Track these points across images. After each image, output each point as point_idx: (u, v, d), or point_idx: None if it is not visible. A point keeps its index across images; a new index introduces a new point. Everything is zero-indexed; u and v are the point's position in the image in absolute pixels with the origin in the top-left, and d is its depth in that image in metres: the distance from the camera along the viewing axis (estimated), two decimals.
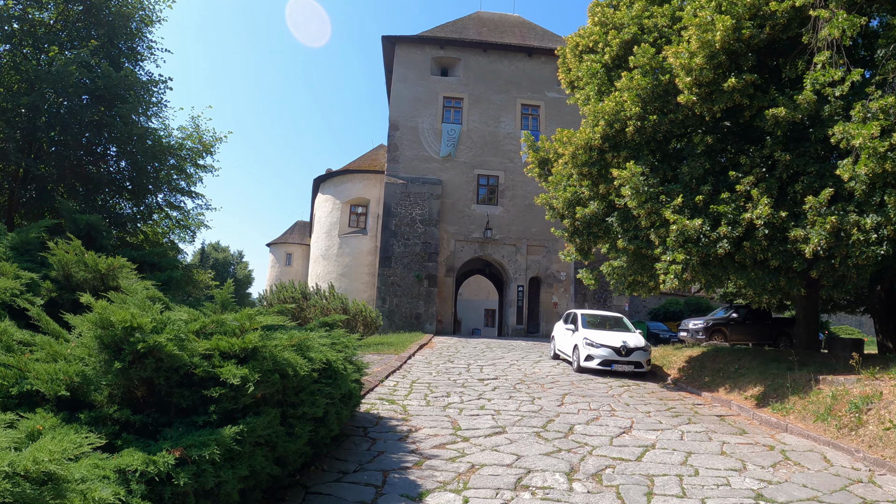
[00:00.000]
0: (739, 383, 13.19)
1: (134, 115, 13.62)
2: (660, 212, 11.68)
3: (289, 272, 55.14)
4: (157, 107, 14.94)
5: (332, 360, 6.01)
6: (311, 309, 20.00)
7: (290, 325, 8.74)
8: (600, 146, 12.91)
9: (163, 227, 16.97)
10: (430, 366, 15.74)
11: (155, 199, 15.52)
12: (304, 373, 5.05)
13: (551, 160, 15.50)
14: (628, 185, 11.84)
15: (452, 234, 31.02)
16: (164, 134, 15.10)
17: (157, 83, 15.02)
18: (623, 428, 9.27)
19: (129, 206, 15.49)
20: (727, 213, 11.46)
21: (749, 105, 12.08)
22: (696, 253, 11.26)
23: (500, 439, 8.15)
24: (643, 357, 15.46)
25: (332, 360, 6.02)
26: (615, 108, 12.46)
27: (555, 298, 31.69)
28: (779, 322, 25.88)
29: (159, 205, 15.75)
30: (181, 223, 16.87)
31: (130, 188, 14.66)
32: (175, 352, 4.26)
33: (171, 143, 15.04)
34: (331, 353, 6.06)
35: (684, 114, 12.52)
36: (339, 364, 6.13)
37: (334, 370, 5.98)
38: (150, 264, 9.18)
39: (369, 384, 11.84)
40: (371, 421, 9.01)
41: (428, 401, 10.82)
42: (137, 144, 13.68)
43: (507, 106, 33.01)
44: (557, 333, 18.26)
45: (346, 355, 7.48)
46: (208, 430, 4.27)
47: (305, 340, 5.43)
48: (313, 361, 5.48)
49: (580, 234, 14.10)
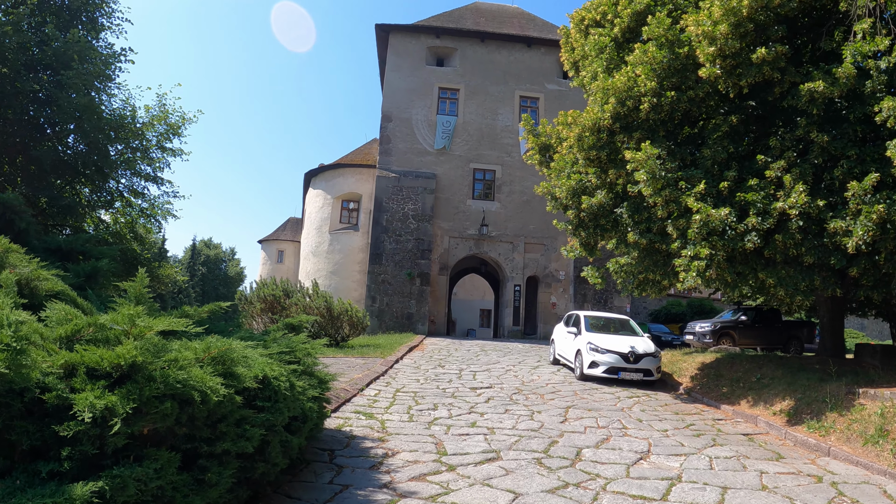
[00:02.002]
0: (764, 395, 11.77)
1: (86, 87, 12.04)
2: (679, 200, 10.22)
3: (280, 269, 53.74)
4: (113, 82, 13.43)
5: (274, 377, 4.56)
6: (293, 307, 18.53)
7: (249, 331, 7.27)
8: (610, 127, 11.43)
9: (127, 215, 15.43)
10: (419, 371, 14.28)
11: (117, 184, 13.99)
12: (219, 398, 3.59)
13: (553, 146, 14.03)
14: (644, 169, 10.37)
15: (446, 231, 29.56)
16: (126, 112, 13.59)
17: (116, 55, 13.48)
18: (639, 452, 7.82)
19: (89, 193, 13.96)
20: (756, 202, 10.02)
21: (780, 80, 10.65)
22: (722, 247, 9.81)
23: (494, 469, 6.68)
24: (653, 364, 14.02)
25: (274, 375, 4.56)
26: (627, 83, 11.00)
27: (553, 299, 30.24)
28: (789, 325, 24.67)
29: (120, 191, 14.21)
30: (145, 212, 15.35)
31: (86, 172, 13.05)
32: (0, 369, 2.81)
33: (134, 123, 13.52)
34: (271, 368, 4.60)
35: (705, 91, 11.07)
36: (284, 381, 4.67)
37: (275, 390, 4.52)
38: (80, 253, 7.71)
39: (346, 394, 10.38)
40: (341, 441, 7.55)
41: (411, 415, 9.35)
42: (87, 119, 12.05)
43: (504, 98, 31.57)
44: (558, 336, 16.80)
45: (303, 367, 6.02)
46: (51, 487, 2.82)
47: (228, 352, 3.97)
48: (240, 380, 4.03)
49: (586, 227, 12.61)
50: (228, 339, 5.34)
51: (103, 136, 12.47)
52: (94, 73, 12.03)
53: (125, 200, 14.86)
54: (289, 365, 5.27)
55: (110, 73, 13.30)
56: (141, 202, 15.16)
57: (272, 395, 4.48)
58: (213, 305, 5.25)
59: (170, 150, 14.74)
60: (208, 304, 5.93)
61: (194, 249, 70.41)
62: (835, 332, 14.33)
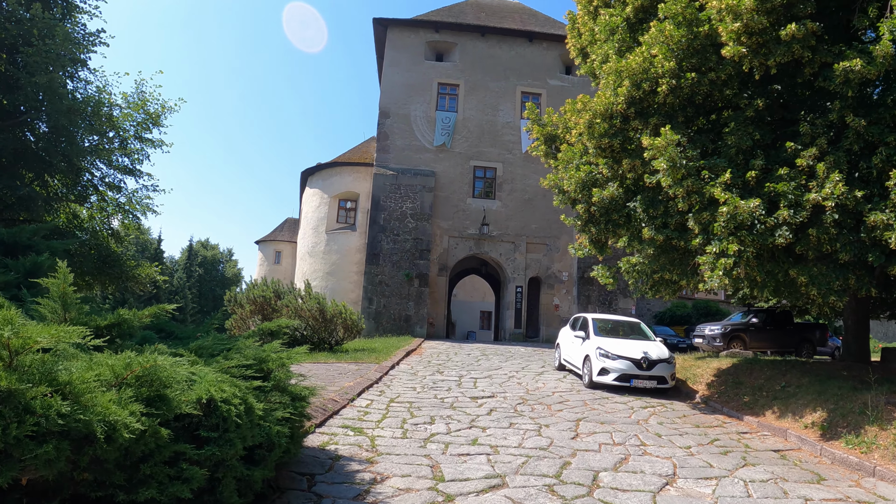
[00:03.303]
0: (791, 406, 10.82)
1: (50, 66, 11.03)
2: (702, 191, 9.25)
3: (278, 271, 52.78)
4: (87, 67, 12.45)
5: (223, 399, 3.61)
6: (284, 309, 17.59)
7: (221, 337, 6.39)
8: (624, 112, 10.46)
9: (104, 211, 14.43)
10: (416, 378, 13.32)
11: (91, 177, 13.00)
12: (133, 433, 2.65)
13: (560, 136, 13.06)
14: (663, 157, 9.40)
15: (446, 230, 28.62)
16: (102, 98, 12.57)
17: (88, 36, 12.49)
18: (664, 476, 6.86)
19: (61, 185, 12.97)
20: (787, 194, 9.07)
21: (810, 60, 9.70)
22: (751, 243, 8.85)
23: (499, 499, 5.72)
24: (667, 371, 13.06)
25: (224, 397, 3.62)
26: (643, 64, 10.04)
27: (556, 300, 29.30)
28: (801, 328, 23.84)
29: (94, 184, 13.21)
30: (122, 207, 14.35)
31: (53, 162, 12.02)
32: None
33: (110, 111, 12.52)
34: (219, 388, 3.66)
35: (727, 72, 10.13)
36: (237, 404, 3.72)
37: (223, 416, 3.58)
38: (27, 247, 6.77)
39: (334, 405, 9.43)
40: (323, 463, 6.60)
41: (405, 430, 8.39)
42: (49, 101, 11.04)
43: (506, 93, 30.67)
44: (564, 341, 15.83)
45: (274, 382, 5.08)
46: None
47: (154, 371, 3.03)
48: (171, 406, 3.08)
49: (596, 223, 11.62)
50: (181, 347, 4.41)
51: (69, 121, 11.43)
52: (58, 53, 11.00)
53: (100, 194, 13.85)
54: (252, 381, 4.32)
55: (84, 56, 12.35)
56: (119, 196, 14.17)
57: (220, 422, 3.53)
58: (155, 308, 4.32)
59: (149, 140, 13.78)
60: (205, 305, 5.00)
61: (191, 250, 69.45)
62: (860, 335, 13.39)
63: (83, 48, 12.33)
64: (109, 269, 14.09)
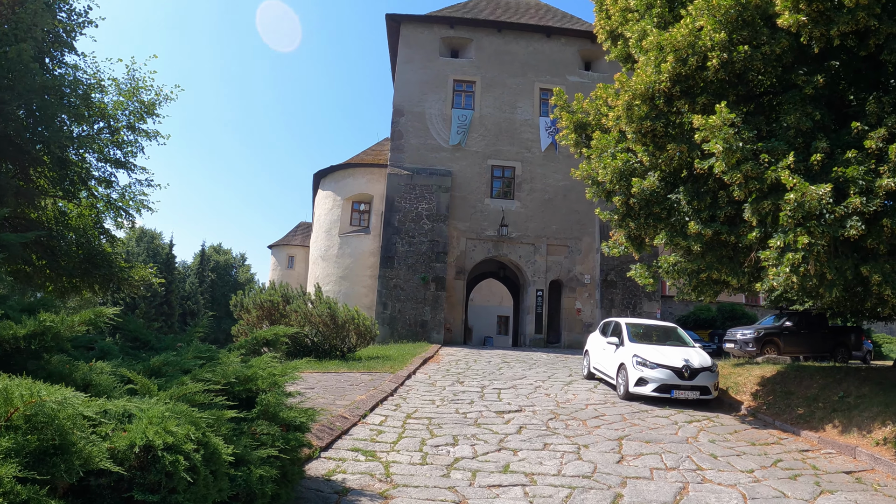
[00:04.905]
0: (856, 419, 9.63)
1: (16, 38, 9.99)
2: (763, 177, 8.09)
3: (291, 275, 52.00)
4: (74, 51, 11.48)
5: (166, 446, 2.54)
6: (293, 315, 16.57)
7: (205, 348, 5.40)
8: (668, 91, 9.31)
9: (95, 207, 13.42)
10: (434, 389, 12.23)
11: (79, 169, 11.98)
12: None
13: (591, 124, 11.94)
14: (718, 138, 8.24)
15: (463, 232, 27.51)
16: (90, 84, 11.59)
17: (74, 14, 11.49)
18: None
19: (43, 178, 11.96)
20: (857, 179, 7.90)
21: (875, 30, 8.54)
22: (822, 235, 7.68)
23: None
24: (710, 380, 11.87)
25: (168, 443, 2.55)
26: (688, 37, 8.92)
27: (578, 304, 28.08)
28: (836, 331, 22.59)
29: (82, 178, 12.20)
30: (114, 203, 13.34)
31: (32, 151, 10.99)
32: None
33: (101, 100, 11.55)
34: (161, 429, 2.59)
35: (782, 46, 8.98)
36: (189, 452, 2.65)
37: (167, 472, 2.51)
38: None
39: (344, 423, 8.37)
40: (327, 499, 5.53)
41: (425, 454, 7.30)
42: (18, 80, 10.00)
43: (523, 90, 29.58)
44: (593, 347, 14.65)
45: (262, 406, 4.02)
46: None
47: (39, 409, 1.97)
48: (72, 463, 2.02)
49: (635, 217, 10.45)
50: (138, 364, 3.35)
51: (43, 103, 10.33)
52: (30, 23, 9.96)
53: (89, 189, 12.82)
54: (224, 411, 3.26)
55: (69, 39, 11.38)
56: (110, 192, 13.17)
57: (162, 479, 2.49)
58: (89, 313, 3.28)
59: (143, 131, 12.78)
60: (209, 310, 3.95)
61: (203, 255, 68.80)
62: None
63: (67, 28, 11.32)
64: (97, 271, 13.10)
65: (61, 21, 11.18)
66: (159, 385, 3.30)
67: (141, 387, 3.11)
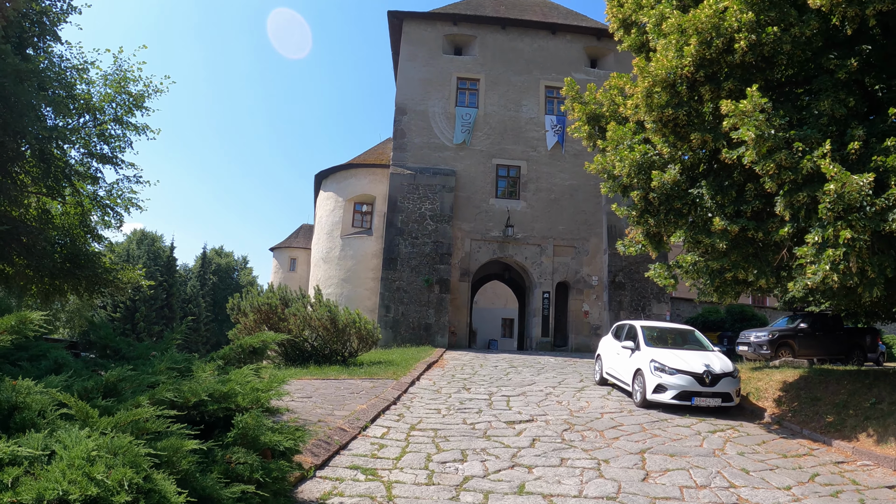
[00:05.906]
0: (891, 427, 8.97)
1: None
2: (798, 167, 7.43)
3: (293, 278, 51.36)
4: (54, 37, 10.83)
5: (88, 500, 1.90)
6: (292, 318, 15.93)
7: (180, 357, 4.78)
8: (691, 76, 8.66)
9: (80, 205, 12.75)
10: (439, 397, 11.59)
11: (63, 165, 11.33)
12: None
13: (605, 115, 11.29)
14: (748, 125, 7.60)
15: (467, 233, 26.87)
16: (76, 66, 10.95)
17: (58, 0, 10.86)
18: None
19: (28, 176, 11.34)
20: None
21: None
22: (863, 229, 7.02)
23: None
24: (732, 387, 11.20)
25: (92, 495, 1.92)
26: (712, 19, 8.28)
27: (585, 307, 27.41)
28: (851, 333, 22.02)
29: (66, 174, 11.55)
30: (100, 200, 12.69)
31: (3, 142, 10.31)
32: None
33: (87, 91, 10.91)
34: (83, 477, 1.95)
35: (812, 28, 8.33)
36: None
37: None
38: None
39: (342, 436, 7.72)
40: None
41: (431, 472, 6.64)
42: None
43: (528, 88, 28.96)
44: (605, 352, 13.98)
45: (239, 430, 3.38)
46: None
47: None
48: None
49: (654, 213, 9.78)
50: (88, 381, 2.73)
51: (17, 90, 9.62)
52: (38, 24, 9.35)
53: (74, 186, 12.14)
54: (185, 441, 2.62)
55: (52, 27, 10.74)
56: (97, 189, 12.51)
57: None
58: (11, 318, 2.64)
59: (131, 125, 12.15)
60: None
61: (205, 258, 68.25)
62: None
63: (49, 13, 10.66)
64: (80, 272, 12.44)
65: (39, 5, 10.51)
66: (105, 408, 2.68)
67: (77, 412, 2.49)
